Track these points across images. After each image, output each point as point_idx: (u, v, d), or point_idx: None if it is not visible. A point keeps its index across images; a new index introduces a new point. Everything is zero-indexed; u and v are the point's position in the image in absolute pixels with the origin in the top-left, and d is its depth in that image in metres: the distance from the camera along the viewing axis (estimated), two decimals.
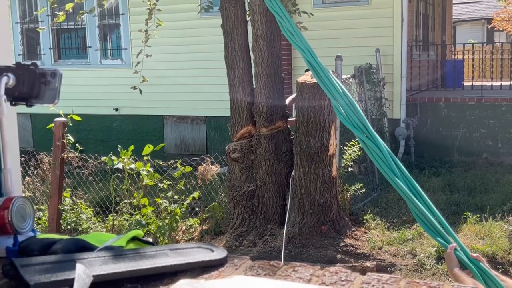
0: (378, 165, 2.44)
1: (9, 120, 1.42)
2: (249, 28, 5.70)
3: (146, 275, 1.12)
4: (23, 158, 6.23)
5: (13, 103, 1.36)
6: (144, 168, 5.52)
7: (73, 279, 1.02)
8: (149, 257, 1.18)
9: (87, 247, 1.24)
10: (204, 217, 6.12)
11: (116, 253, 1.20)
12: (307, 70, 8.17)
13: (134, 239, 1.32)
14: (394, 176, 2.35)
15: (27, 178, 6.57)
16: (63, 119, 5.81)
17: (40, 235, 1.34)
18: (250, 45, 5.69)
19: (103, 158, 5.86)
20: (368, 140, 2.43)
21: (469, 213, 6.00)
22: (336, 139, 5.68)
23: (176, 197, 5.69)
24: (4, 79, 1.30)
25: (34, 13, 10.60)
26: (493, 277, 2.09)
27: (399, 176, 2.36)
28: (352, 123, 2.51)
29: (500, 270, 4.65)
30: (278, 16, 2.84)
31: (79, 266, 1.05)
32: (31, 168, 6.75)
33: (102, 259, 1.14)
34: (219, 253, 1.21)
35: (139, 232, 1.35)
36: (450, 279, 4.75)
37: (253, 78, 5.74)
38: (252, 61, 5.71)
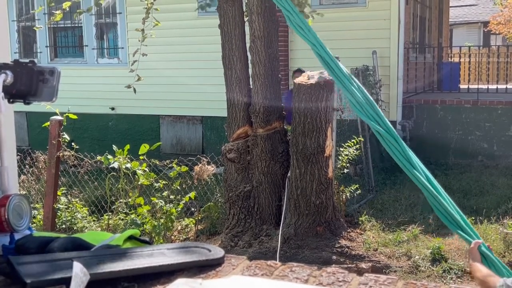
0: (395, 157, 2.41)
1: (6, 117, 1.42)
2: (247, 28, 5.70)
3: (143, 274, 1.11)
4: (18, 157, 6.20)
5: (11, 100, 1.35)
6: (140, 168, 5.50)
7: (70, 278, 1.01)
8: (146, 256, 1.18)
9: (84, 246, 1.23)
10: (199, 217, 6.11)
11: (113, 252, 1.19)
12: (295, 72, 8.16)
13: (131, 238, 1.32)
14: (412, 168, 2.33)
15: (22, 177, 6.54)
16: (59, 117, 5.79)
17: (37, 233, 1.33)
18: (248, 45, 5.69)
19: (98, 157, 5.84)
20: (384, 132, 2.40)
21: (465, 216, 6.00)
22: (332, 140, 5.69)
23: (171, 197, 5.68)
24: (2, 76, 1.30)
25: (31, 11, 10.56)
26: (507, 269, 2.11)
27: (417, 167, 2.34)
28: (367, 115, 2.48)
29: None
30: (286, 11, 2.80)
31: (76, 265, 1.04)
32: (27, 166, 6.73)
33: (99, 258, 1.14)
34: (216, 253, 1.21)
35: (136, 231, 1.34)
36: (444, 281, 4.76)
37: (250, 79, 5.74)
38: (249, 61, 5.71)
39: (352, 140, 6.27)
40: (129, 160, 5.52)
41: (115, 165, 5.47)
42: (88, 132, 10.60)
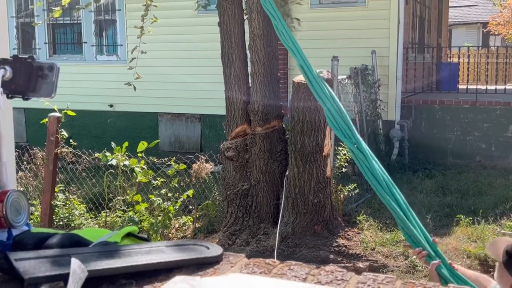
0: (364, 173, 2.42)
1: (5, 113, 1.41)
2: (246, 26, 5.70)
3: (141, 271, 1.11)
4: (16, 153, 6.17)
5: (10, 96, 1.35)
6: (138, 165, 5.50)
7: (67, 274, 1.01)
8: (144, 253, 1.17)
9: (82, 242, 1.23)
10: (197, 215, 6.11)
11: (111, 248, 1.19)
12: None
13: (129, 235, 1.31)
14: (380, 186, 2.34)
15: (20, 173, 6.53)
16: (57, 114, 5.78)
17: (35, 230, 1.33)
18: (247, 43, 5.68)
19: (97, 154, 5.84)
20: (352, 146, 2.42)
21: (462, 216, 6.02)
22: (331, 139, 5.69)
23: (169, 194, 5.68)
24: (1, 71, 1.29)
25: (30, 7, 10.54)
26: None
27: (384, 186, 2.34)
28: (339, 127, 2.49)
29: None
30: (270, 15, 2.82)
31: (74, 261, 1.04)
32: (24, 163, 6.72)
33: (97, 254, 1.13)
34: (214, 251, 1.20)
35: (134, 228, 1.34)
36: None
37: (249, 77, 5.73)
38: (248, 59, 5.71)
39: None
40: (127, 158, 5.51)
41: (113, 162, 5.47)
42: (86, 129, 10.59)
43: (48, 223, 5.74)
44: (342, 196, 6.12)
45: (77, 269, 1.02)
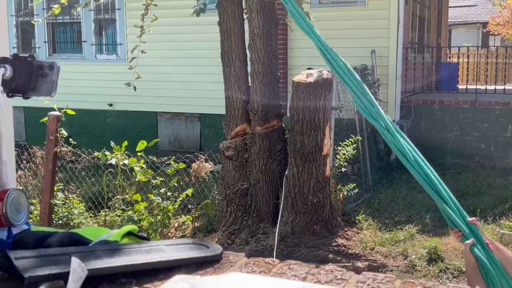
0: (395, 151, 2.40)
1: (5, 112, 1.41)
2: (246, 26, 5.70)
3: (141, 270, 1.11)
4: (15, 152, 6.16)
5: (10, 94, 1.35)
6: (137, 164, 5.50)
7: (68, 273, 1.01)
8: (144, 252, 1.17)
9: (82, 241, 1.23)
10: (196, 215, 6.12)
11: (111, 247, 1.19)
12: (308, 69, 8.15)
13: (129, 234, 1.31)
14: (413, 169, 2.32)
15: (20, 172, 6.53)
16: (57, 113, 5.78)
17: (34, 228, 1.33)
18: (247, 43, 5.68)
19: (96, 153, 5.84)
20: (386, 131, 2.39)
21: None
22: (330, 139, 5.69)
23: (169, 193, 5.68)
24: (1, 70, 1.29)
25: (30, 5, 10.53)
26: (506, 275, 2.02)
27: (417, 167, 2.32)
28: (371, 115, 2.46)
29: None
30: (284, 2, 2.77)
31: (74, 260, 1.04)
32: (24, 162, 6.72)
33: (97, 253, 1.14)
34: (214, 250, 1.20)
35: (134, 227, 1.34)
36: (441, 281, 4.77)
37: (249, 77, 5.73)
38: (248, 59, 5.70)
39: (350, 139, 6.28)
40: (126, 157, 5.51)
41: (113, 161, 5.47)
42: (86, 128, 10.58)
43: (47, 222, 5.74)
44: (341, 196, 6.12)
45: (77, 268, 1.02)
